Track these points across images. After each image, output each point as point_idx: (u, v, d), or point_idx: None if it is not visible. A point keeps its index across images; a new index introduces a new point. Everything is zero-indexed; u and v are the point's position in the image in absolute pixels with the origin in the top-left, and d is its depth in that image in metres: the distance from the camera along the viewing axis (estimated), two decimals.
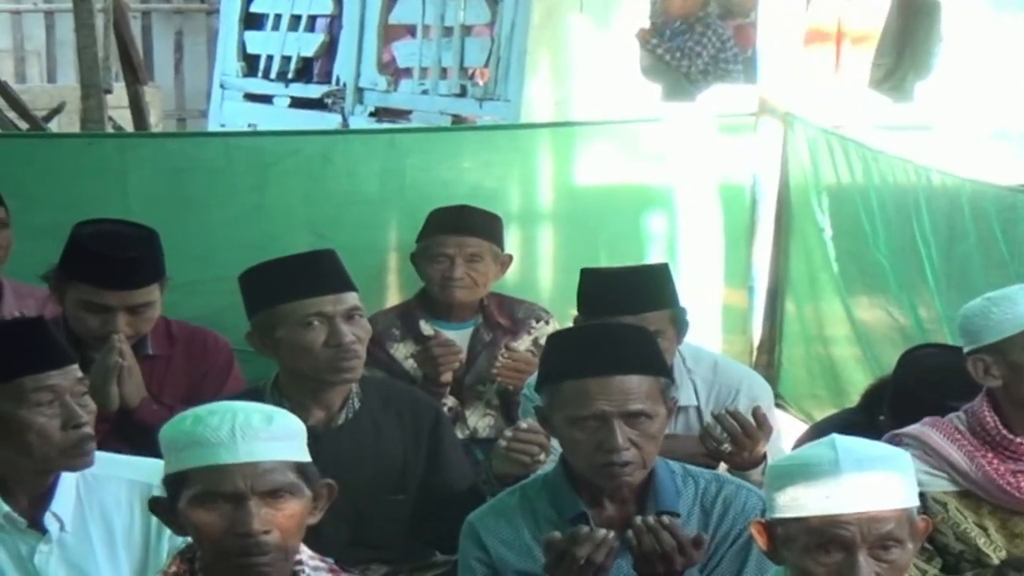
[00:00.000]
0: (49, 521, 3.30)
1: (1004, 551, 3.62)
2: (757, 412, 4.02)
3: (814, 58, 8.26)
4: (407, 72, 9.19)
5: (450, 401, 5.07)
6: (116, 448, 3.75)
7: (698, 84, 9.41)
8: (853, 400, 4.98)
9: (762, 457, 4.01)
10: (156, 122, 11.60)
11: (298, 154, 5.71)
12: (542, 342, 4.87)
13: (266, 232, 5.49)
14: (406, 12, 9.23)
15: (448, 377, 4.99)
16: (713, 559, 3.46)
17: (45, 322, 3.43)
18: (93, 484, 3.35)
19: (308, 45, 10.14)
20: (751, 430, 3.99)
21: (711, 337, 6.01)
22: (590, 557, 3.24)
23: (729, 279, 6.28)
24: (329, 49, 9.93)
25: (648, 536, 3.28)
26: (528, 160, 6.00)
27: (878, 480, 2.83)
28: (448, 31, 8.75)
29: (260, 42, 10.64)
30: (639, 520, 3.31)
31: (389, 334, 5.18)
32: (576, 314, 4.52)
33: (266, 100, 10.49)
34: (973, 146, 6.86)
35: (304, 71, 10.23)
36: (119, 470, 3.40)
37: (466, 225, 5.24)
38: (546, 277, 5.99)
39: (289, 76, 10.26)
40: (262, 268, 4.15)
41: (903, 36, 8.86)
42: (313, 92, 9.93)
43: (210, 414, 2.81)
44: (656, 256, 5.85)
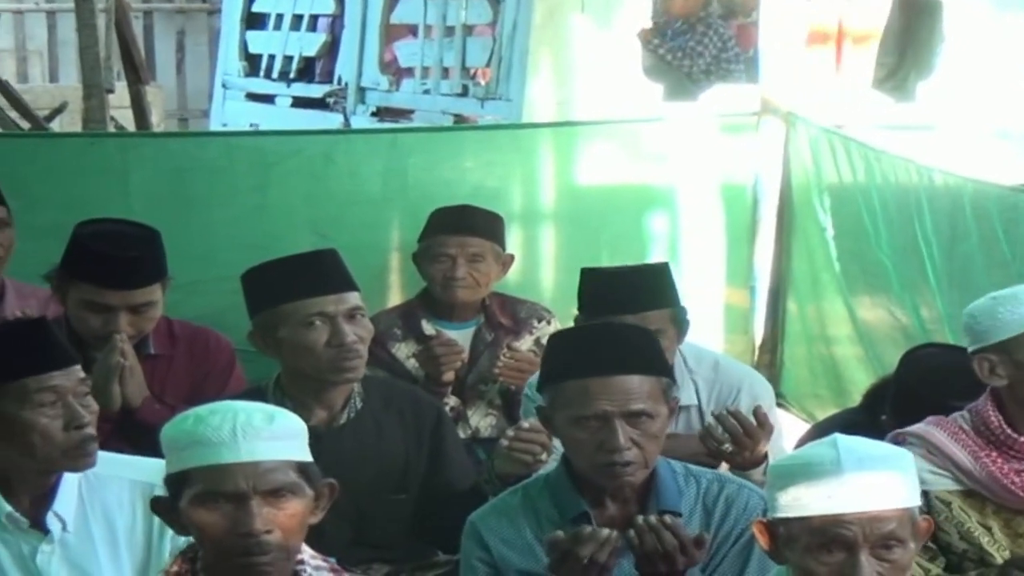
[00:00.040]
0: (51, 521, 3.30)
1: (1007, 550, 3.61)
2: (758, 412, 4.02)
3: (816, 58, 8.25)
4: (409, 72, 9.18)
5: (452, 401, 5.06)
6: (118, 448, 3.75)
7: (700, 84, 9.40)
8: (855, 400, 4.98)
9: (763, 457, 4.01)
10: (158, 122, 11.58)
11: (300, 154, 5.71)
12: (544, 342, 4.86)
13: (268, 232, 5.49)
14: (408, 12, 9.22)
15: (450, 377, 4.99)
16: (715, 559, 3.46)
17: (48, 323, 3.43)
18: (95, 484, 3.35)
19: (310, 45, 10.13)
20: (752, 430, 3.99)
21: (713, 337, 6.00)
22: (594, 556, 3.24)
23: (731, 279, 6.28)
24: (331, 49, 9.93)
25: (650, 535, 3.27)
26: (530, 160, 5.99)
27: (880, 480, 2.83)
28: (450, 31, 8.75)
29: (262, 42, 10.64)
30: (641, 520, 3.31)
31: (391, 334, 5.18)
32: (577, 313, 4.53)
33: (268, 100, 10.49)
34: (975, 146, 6.86)
35: (306, 71, 10.23)
36: (121, 470, 3.39)
37: (468, 225, 5.23)
38: (548, 277, 5.99)
39: (291, 76, 10.26)
40: (264, 268, 4.15)
41: (905, 36, 8.86)
42: (315, 92, 9.93)
43: (211, 413, 2.81)
44: (658, 256, 5.84)
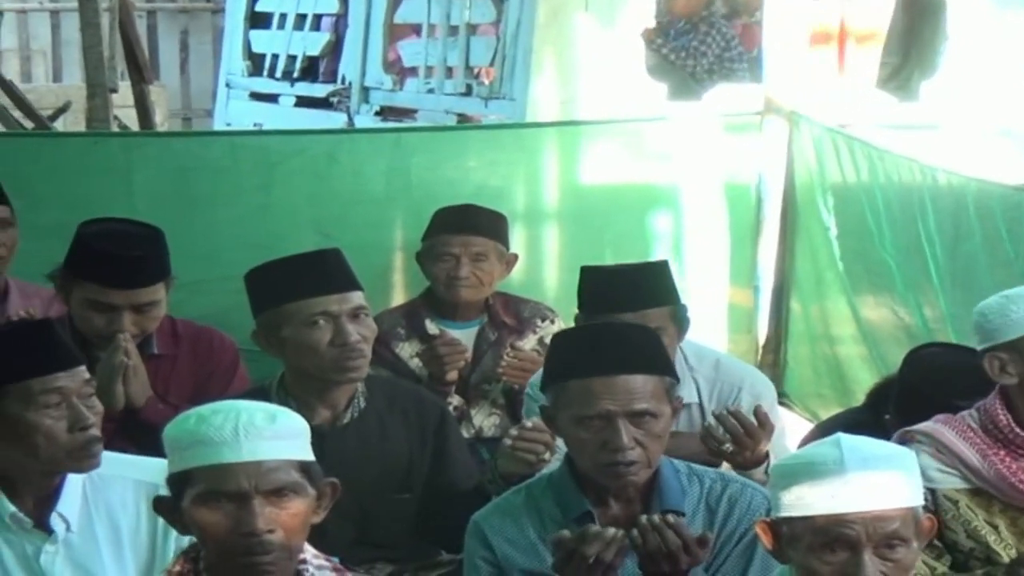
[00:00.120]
0: (55, 521, 3.30)
1: (1014, 549, 3.61)
2: (759, 411, 4.01)
3: (820, 57, 8.24)
4: (412, 71, 9.19)
5: (455, 400, 5.06)
6: (121, 448, 3.75)
7: (703, 83, 9.40)
8: (859, 399, 4.98)
9: (764, 456, 4.01)
10: (161, 121, 11.60)
11: (304, 153, 5.71)
12: (547, 341, 4.85)
13: (272, 231, 5.50)
14: (411, 11, 9.23)
15: (453, 376, 4.99)
16: (718, 558, 3.46)
17: (53, 324, 3.43)
18: (99, 484, 3.34)
19: (314, 44, 10.14)
20: (752, 430, 3.98)
21: (716, 336, 6.00)
22: (599, 556, 3.24)
23: (734, 278, 6.28)
24: (335, 48, 9.93)
25: (653, 535, 3.27)
26: (533, 159, 6.00)
27: (883, 479, 2.83)
28: (454, 30, 8.76)
29: (266, 41, 10.64)
30: (644, 519, 3.30)
31: (394, 333, 5.18)
32: (577, 312, 4.53)
33: (272, 99, 10.50)
34: (979, 145, 6.85)
35: (310, 70, 10.24)
36: (125, 470, 3.39)
37: (471, 224, 5.23)
38: (551, 276, 5.99)
39: (295, 75, 10.27)
40: (268, 267, 4.15)
41: (909, 35, 8.85)
42: (319, 91, 9.94)
43: (213, 413, 2.80)
44: (661, 255, 5.84)
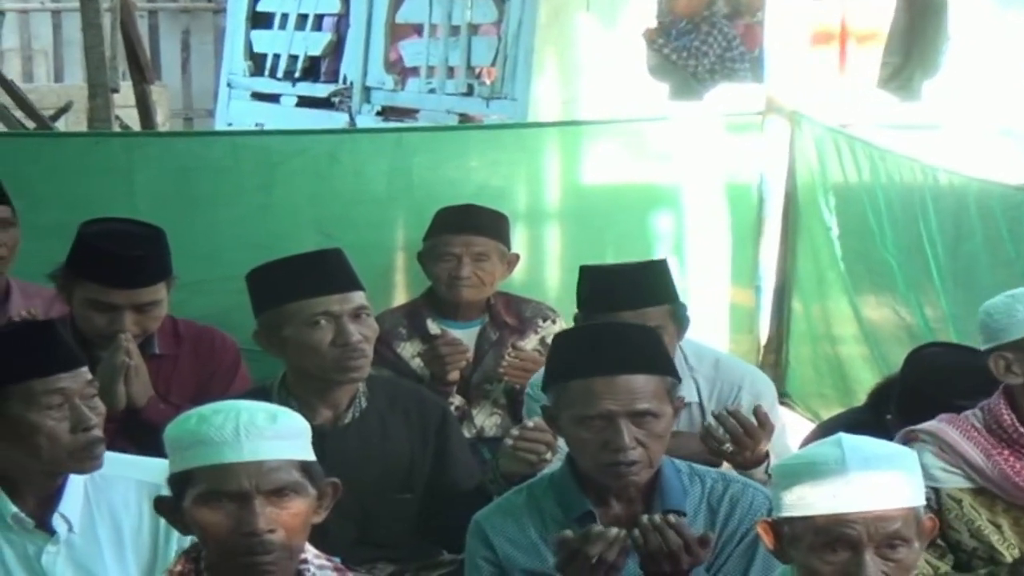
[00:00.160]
0: (57, 522, 3.29)
1: (1017, 549, 3.61)
2: (758, 411, 4.01)
3: (821, 57, 8.24)
4: (414, 71, 9.18)
5: (457, 400, 5.06)
6: (123, 448, 3.75)
7: (705, 83, 9.40)
8: (860, 399, 4.98)
9: (765, 456, 4.00)
10: (163, 121, 11.60)
11: (305, 153, 5.71)
12: (549, 341, 4.85)
13: (273, 231, 5.50)
14: (413, 11, 9.23)
15: (455, 376, 4.99)
16: (720, 558, 3.46)
17: (55, 324, 3.42)
18: (101, 484, 3.34)
19: (315, 44, 10.14)
20: (752, 429, 3.98)
21: (718, 336, 6.00)
22: (602, 556, 3.24)
23: (736, 278, 6.28)
24: (336, 48, 9.94)
25: (654, 535, 3.27)
26: (535, 159, 6.00)
27: (885, 479, 2.82)
28: (455, 30, 8.75)
29: (267, 41, 10.64)
30: (645, 519, 3.30)
31: (396, 333, 5.18)
32: (577, 312, 4.52)
33: (273, 99, 10.50)
34: (980, 145, 6.85)
35: (311, 70, 10.24)
36: (127, 470, 3.39)
37: (473, 224, 5.23)
38: (553, 276, 5.99)
39: (296, 75, 10.27)
40: (269, 267, 4.15)
41: (910, 35, 8.83)
42: (320, 91, 9.94)
43: (214, 413, 2.80)
44: (663, 255, 5.83)
